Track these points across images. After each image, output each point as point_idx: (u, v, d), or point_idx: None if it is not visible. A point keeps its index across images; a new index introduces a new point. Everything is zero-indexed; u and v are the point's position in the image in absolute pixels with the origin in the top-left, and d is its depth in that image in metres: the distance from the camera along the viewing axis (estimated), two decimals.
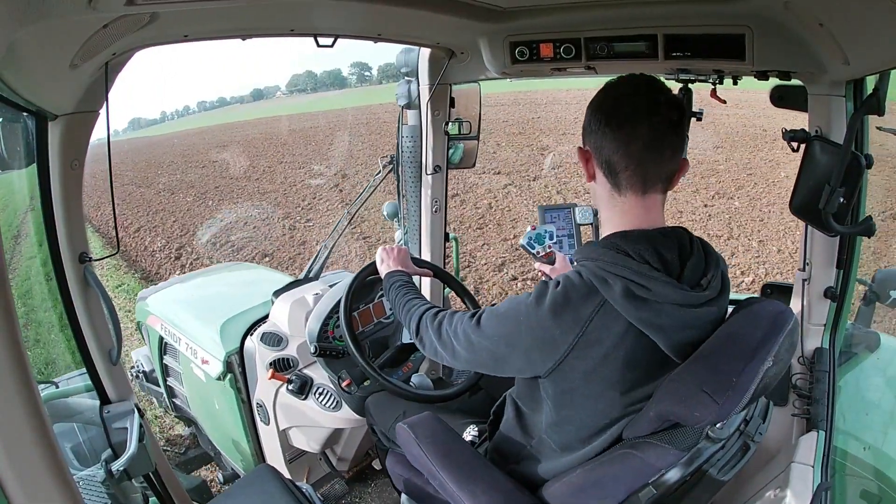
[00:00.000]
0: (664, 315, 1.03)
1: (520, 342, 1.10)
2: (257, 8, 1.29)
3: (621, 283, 1.02)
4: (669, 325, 1.04)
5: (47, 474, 0.77)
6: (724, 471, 1.12)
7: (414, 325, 1.36)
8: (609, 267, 1.04)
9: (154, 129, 44.41)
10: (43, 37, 0.93)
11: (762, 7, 1.20)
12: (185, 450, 3.02)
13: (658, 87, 1.07)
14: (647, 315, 1.02)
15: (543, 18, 1.51)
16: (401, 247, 1.76)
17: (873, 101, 1.27)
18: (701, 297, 1.05)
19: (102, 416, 1.54)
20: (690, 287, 1.05)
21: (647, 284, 1.01)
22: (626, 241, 1.07)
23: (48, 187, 1.36)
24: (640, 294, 1.01)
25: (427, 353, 1.32)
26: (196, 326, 2.42)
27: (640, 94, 1.06)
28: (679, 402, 1.02)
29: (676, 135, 1.06)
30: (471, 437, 1.55)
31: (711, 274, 1.09)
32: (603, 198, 1.14)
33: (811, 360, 1.65)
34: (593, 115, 1.10)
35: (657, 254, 1.05)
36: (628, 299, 1.01)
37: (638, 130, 1.04)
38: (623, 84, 1.09)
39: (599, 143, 1.09)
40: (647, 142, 1.05)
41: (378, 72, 62.07)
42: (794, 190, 1.43)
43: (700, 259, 1.10)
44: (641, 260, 1.04)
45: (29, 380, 0.74)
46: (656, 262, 1.04)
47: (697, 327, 1.07)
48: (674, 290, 1.02)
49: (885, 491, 1.57)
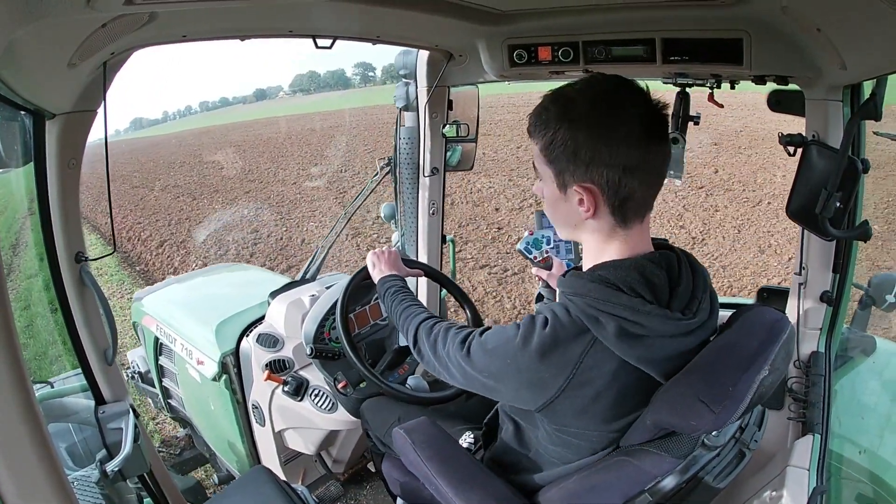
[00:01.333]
0: (657, 348, 1.01)
1: (509, 381, 1.07)
2: (256, 8, 1.29)
3: (614, 323, 0.97)
4: (662, 358, 1.02)
5: (42, 474, 0.77)
6: (720, 478, 1.12)
7: (411, 337, 1.33)
8: (600, 305, 0.98)
9: (156, 129, 44.30)
10: (41, 36, 0.93)
11: (760, 11, 1.21)
12: (180, 451, 3.01)
13: (634, 86, 1.00)
14: (642, 352, 0.99)
15: (542, 21, 1.52)
16: (391, 249, 1.75)
17: (870, 106, 1.27)
18: (692, 324, 1.03)
19: (97, 417, 1.54)
20: (681, 311, 1.02)
21: (640, 321, 0.97)
22: (616, 272, 1.01)
23: (45, 186, 1.36)
24: (634, 331, 0.97)
25: (426, 366, 1.29)
26: (192, 327, 2.41)
27: (634, 100, 0.99)
28: (675, 411, 1.01)
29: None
30: (467, 443, 1.55)
31: (700, 297, 1.06)
32: (599, 233, 1.06)
33: (807, 363, 1.65)
34: (583, 136, 0.98)
35: (648, 284, 1.00)
36: (622, 339, 0.97)
37: (649, 145, 0.98)
38: (598, 86, 1.00)
39: (604, 173, 0.98)
40: (660, 156, 1.01)
41: (382, 72, 61.90)
42: (791, 194, 1.43)
43: (689, 282, 1.06)
44: (633, 294, 0.98)
45: (24, 379, 0.74)
46: (648, 294, 0.99)
47: (689, 353, 1.05)
48: (666, 323, 0.99)
49: (880, 494, 1.57)
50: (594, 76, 1.03)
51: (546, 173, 1.06)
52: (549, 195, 1.08)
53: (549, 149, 1.02)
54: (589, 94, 1.00)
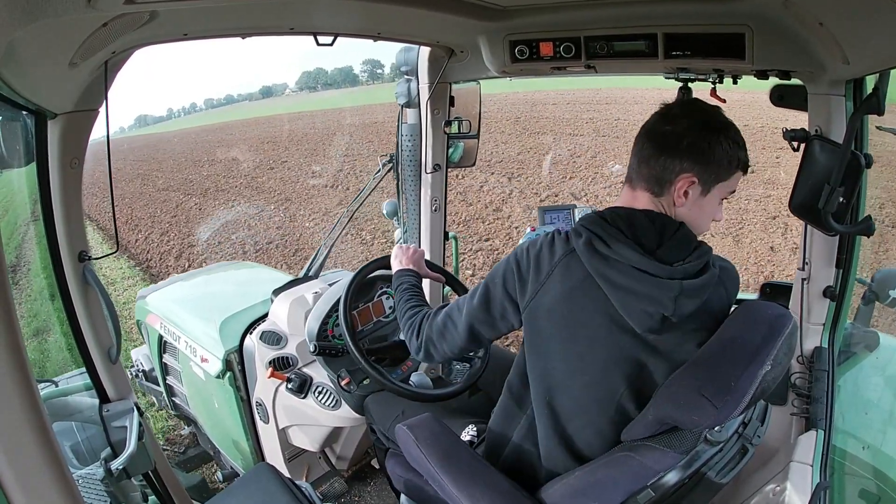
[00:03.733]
0: (623, 275, 1.08)
1: (502, 280, 1.23)
2: (257, 7, 1.29)
3: (586, 236, 1.13)
4: (628, 286, 1.07)
5: (47, 473, 0.77)
6: (723, 473, 1.12)
7: (416, 327, 1.41)
8: (584, 223, 1.16)
9: (161, 126, 44.30)
10: (42, 35, 0.93)
11: (762, 6, 1.20)
12: (184, 448, 3.02)
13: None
14: (605, 270, 1.09)
15: (543, 17, 1.51)
16: (417, 248, 1.76)
17: (873, 101, 1.27)
18: (670, 270, 1.07)
19: (102, 415, 1.54)
20: (661, 260, 1.08)
21: (608, 242, 1.10)
22: (610, 212, 1.17)
23: (48, 186, 1.36)
24: (600, 249, 1.10)
25: (420, 354, 1.39)
26: (195, 325, 2.42)
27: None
28: (678, 406, 1.02)
29: None
30: (469, 436, 1.55)
31: (693, 257, 1.10)
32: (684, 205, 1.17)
33: (810, 359, 1.65)
34: (702, 138, 1.13)
35: (629, 225, 1.12)
36: (589, 249, 1.11)
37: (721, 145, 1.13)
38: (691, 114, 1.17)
39: (706, 167, 1.12)
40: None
41: (391, 69, 61.65)
42: (794, 189, 1.43)
43: (683, 244, 1.11)
44: (613, 226, 1.13)
45: (28, 378, 0.74)
46: (627, 231, 1.11)
47: (668, 301, 1.06)
48: (634, 254, 1.08)
49: (883, 490, 1.57)
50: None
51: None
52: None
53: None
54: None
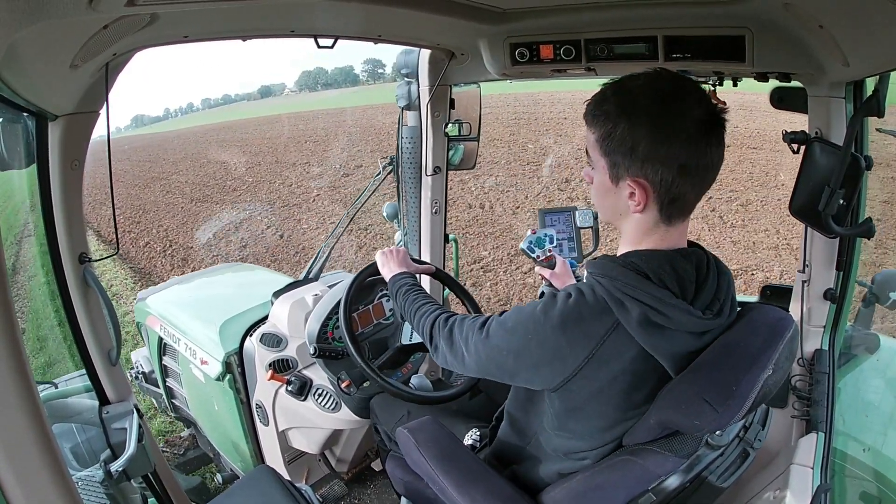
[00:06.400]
0: (677, 342, 1.01)
1: (528, 357, 1.07)
2: (257, 9, 1.29)
3: (639, 309, 0.97)
4: (680, 352, 1.02)
5: (46, 475, 0.77)
6: (724, 477, 1.12)
7: (427, 332, 1.32)
8: (628, 290, 0.99)
9: (158, 126, 44.32)
10: (43, 37, 0.93)
11: (762, 8, 1.20)
12: (184, 450, 3.01)
13: (695, 86, 1.00)
14: (662, 343, 1.00)
15: (543, 20, 1.52)
16: (399, 248, 1.75)
17: (873, 103, 1.27)
18: (710, 324, 1.02)
19: (101, 417, 1.54)
20: (702, 310, 1.02)
21: (666, 312, 0.97)
22: (648, 262, 1.01)
23: (48, 187, 1.36)
24: (658, 321, 0.98)
25: (439, 360, 1.28)
26: (195, 327, 2.42)
27: (695, 101, 0.98)
28: (679, 410, 1.01)
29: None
30: (471, 441, 1.55)
31: (723, 298, 1.06)
32: (642, 225, 1.05)
33: (811, 361, 1.65)
34: (642, 133, 0.97)
35: (677, 277, 1.00)
36: (644, 326, 0.98)
37: (707, 147, 0.97)
38: (661, 83, 0.99)
39: (659, 171, 0.98)
40: (715, 158, 0.99)
41: (392, 69, 61.56)
42: (794, 191, 1.43)
43: (714, 282, 1.06)
44: (661, 285, 0.99)
45: (28, 380, 0.74)
46: (675, 288, 1.00)
47: (696, 352, 1.05)
48: (690, 319, 0.99)
49: (884, 493, 1.56)
50: (658, 73, 1.01)
51: (599, 163, 1.05)
52: (599, 184, 1.08)
53: (606, 141, 1.01)
54: (651, 91, 0.99)
